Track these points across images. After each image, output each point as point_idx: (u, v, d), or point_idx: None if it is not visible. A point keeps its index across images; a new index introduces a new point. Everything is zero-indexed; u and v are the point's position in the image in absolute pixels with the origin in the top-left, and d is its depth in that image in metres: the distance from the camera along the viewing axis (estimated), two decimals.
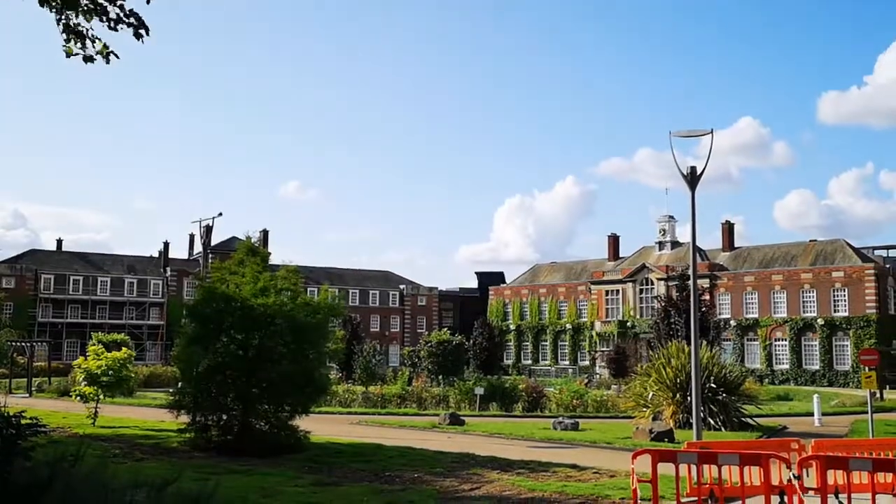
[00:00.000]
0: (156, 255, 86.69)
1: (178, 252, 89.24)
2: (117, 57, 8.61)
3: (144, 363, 62.96)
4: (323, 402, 23.74)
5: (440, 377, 48.33)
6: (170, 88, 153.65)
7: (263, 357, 16.53)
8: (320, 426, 18.52)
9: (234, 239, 75.03)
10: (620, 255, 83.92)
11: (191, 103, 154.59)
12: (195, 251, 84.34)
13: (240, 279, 17.69)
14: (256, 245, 19.58)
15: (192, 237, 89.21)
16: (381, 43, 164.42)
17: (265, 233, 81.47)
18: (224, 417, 16.83)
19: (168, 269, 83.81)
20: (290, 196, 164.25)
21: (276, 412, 16.83)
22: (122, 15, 8.46)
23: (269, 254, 19.63)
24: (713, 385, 25.25)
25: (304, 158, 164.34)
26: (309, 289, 48.95)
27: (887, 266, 71.70)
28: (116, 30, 8.52)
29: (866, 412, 22.94)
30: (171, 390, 21.20)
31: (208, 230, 48.54)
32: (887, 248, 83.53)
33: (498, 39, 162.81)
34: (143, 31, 8.54)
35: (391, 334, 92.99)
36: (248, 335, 16.79)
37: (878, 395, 39.35)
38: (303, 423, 17.10)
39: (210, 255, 54.72)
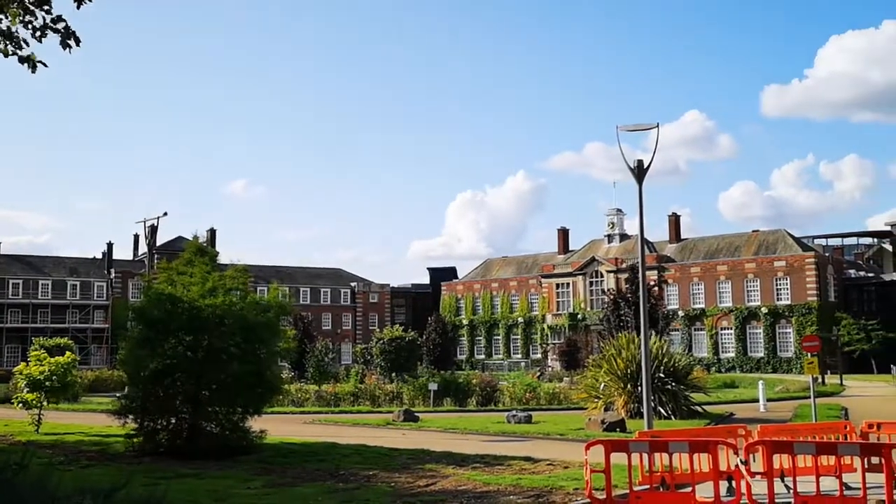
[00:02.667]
0: (99, 256, 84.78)
1: (123, 253, 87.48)
2: (45, 66, 8.32)
3: (89, 367, 61.42)
4: (275, 402, 23.45)
5: (393, 374, 48.23)
6: (110, 85, 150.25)
7: (213, 358, 16.26)
8: (273, 426, 18.30)
9: (180, 238, 73.68)
10: (570, 249, 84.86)
11: (132, 100, 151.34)
12: (140, 252, 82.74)
13: (188, 279, 17.38)
14: (204, 245, 19.26)
15: (136, 237, 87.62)
16: (328, 40, 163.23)
17: (212, 232, 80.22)
18: (173, 421, 16.53)
19: (112, 270, 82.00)
20: (237, 194, 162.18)
21: (228, 414, 16.58)
22: (48, 21, 8.17)
23: (218, 253, 19.31)
24: (663, 375, 25.69)
25: (251, 156, 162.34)
26: (259, 288, 48.38)
27: (827, 255, 73.96)
28: (40, 41, 8.22)
29: (809, 397, 23.63)
30: (118, 395, 20.75)
31: (153, 230, 47.55)
32: (826, 237, 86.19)
33: (448, 35, 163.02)
34: (71, 42, 8.20)
35: (343, 332, 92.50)
36: (197, 336, 16.50)
37: (820, 380, 40.50)
38: (255, 423, 16.88)
39: (156, 256, 53.57)
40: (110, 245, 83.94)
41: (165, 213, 48.73)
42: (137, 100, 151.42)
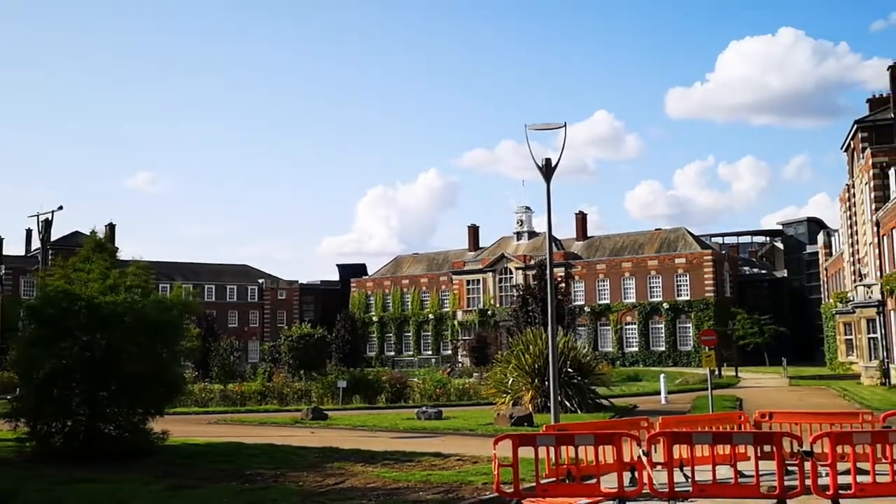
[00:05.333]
0: None
1: (14, 248, 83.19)
2: None
3: None
4: (178, 403, 22.78)
5: (302, 372, 47.63)
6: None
7: (113, 358, 15.65)
8: (177, 427, 17.76)
9: (77, 234, 70.67)
10: (481, 246, 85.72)
11: (23, 84, 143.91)
12: (33, 248, 78.93)
13: (86, 276, 16.72)
14: (103, 240, 18.54)
15: (28, 232, 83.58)
16: (237, 30, 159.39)
17: (112, 227, 77.13)
18: (69, 423, 15.84)
19: (2, 266, 77.90)
20: (139, 188, 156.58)
21: (127, 415, 16.03)
22: None
23: (118, 249, 18.64)
24: (569, 369, 26.24)
25: (155, 149, 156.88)
26: (161, 285, 46.93)
27: (724, 252, 77.30)
28: None
29: (706, 389, 24.63)
30: (8, 397, 19.73)
31: (47, 224, 45.42)
32: (723, 235, 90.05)
33: (361, 29, 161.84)
34: None
35: (251, 330, 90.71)
36: (94, 336, 15.86)
37: (716, 372, 42.27)
38: (157, 424, 16.36)
39: (50, 252, 51.32)
40: None
41: (61, 207, 46.53)
42: (25, 81, 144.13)
